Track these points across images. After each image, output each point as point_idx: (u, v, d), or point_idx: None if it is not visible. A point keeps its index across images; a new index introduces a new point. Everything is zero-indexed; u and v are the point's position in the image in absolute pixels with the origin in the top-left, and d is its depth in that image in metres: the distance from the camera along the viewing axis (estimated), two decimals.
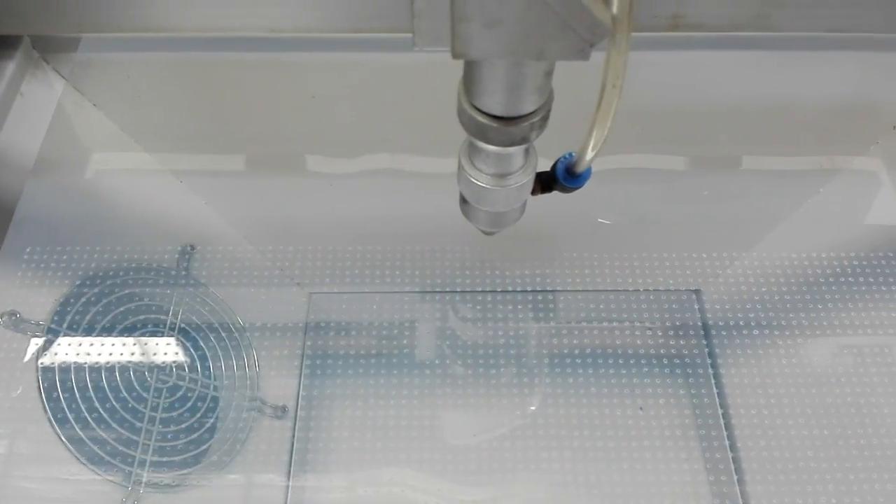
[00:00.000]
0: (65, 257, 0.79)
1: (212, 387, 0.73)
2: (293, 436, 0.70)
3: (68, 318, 0.75)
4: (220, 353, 0.75)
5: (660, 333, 0.76)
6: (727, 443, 0.70)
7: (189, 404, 0.72)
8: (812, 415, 0.71)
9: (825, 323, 0.76)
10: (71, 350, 0.74)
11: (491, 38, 0.40)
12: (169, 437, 0.71)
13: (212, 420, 0.71)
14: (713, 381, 0.73)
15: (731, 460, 0.69)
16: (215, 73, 0.89)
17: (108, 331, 0.76)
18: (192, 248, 0.80)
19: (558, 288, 0.78)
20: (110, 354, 0.74)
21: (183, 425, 0.71)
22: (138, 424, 0.71)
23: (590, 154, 0.51)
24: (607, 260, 0.80)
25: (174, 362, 0.74)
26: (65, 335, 0.75)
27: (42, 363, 0.73)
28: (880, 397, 0.71)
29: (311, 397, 0.72)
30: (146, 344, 0.75)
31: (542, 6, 0.38)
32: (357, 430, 0.71)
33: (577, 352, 0.74)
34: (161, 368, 0.74)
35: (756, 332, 0.75)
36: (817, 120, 0.87)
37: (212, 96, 0.90)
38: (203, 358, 0.75)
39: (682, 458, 0.69)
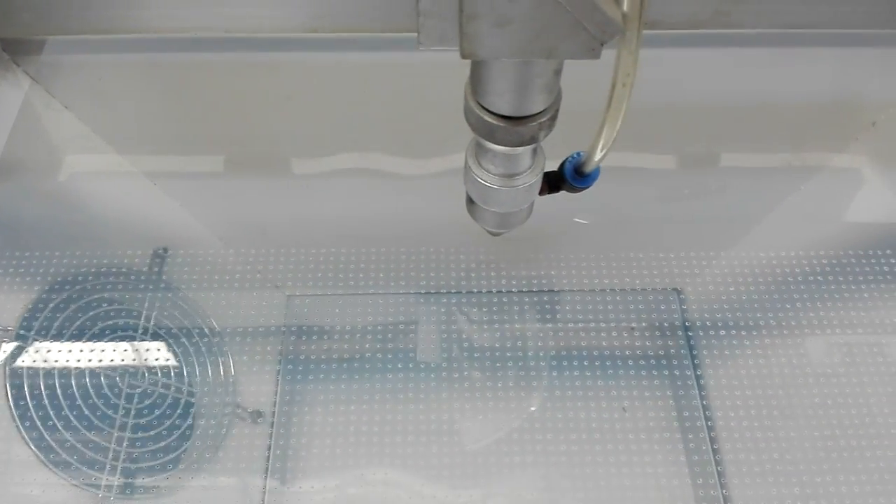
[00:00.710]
0: (34, 262, 0.78)
1: (185, 392, 0.72)
2: (270, 440, 0.70)
3: (37, 323, 0.74)
4: (194, 357, 0.74)
5: (639, 333, 0.75)
6: (709, 441, 0.69)
7: (161, 410, 0.71)
8: (793, 414, 0.70)
9: (805, 322, 0.75)
10: (40, 356, 0.73)
11: (501, 37, 0.40)
12: (140, 443, 0.69)
13: (186, 425, 0.70)
14: (694, 381, 0.72)
15: (713, 460, 0.68)
16: (188, 75, 0.88)
17: (78, 336, 0.75)
18: (166, 250, 0.79)
19: (539, 289, 0.78)
20: (79, 360, 0.73)
21: (154, 431, 0.70)
22: (109, 430, 0.70)
23: (599, 153, 0.51)
24: (584, 260, 0.79)
25: (146, 367, 0.73)
26: (34, 341, 0.74)
27: (10, 369, 0.72)
28: (860, 397, 0.71)
29: (289, 401, 0.71)
30: (117, 349, 0.74)
31: (554, 4, 0.38)
32: (336, 433, 0.70)
33: (557, 352, 0.74)
34: (132, 374, 0.73)
35: (737, 330, 0.75)
36: (796, 117, 0.86)
37: (185, 98, 0.89)
38: (176, 363, 0.74)
39: (667, 458, 0.68)
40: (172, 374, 0.73)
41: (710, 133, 0.80)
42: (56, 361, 0.73)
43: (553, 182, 0.58)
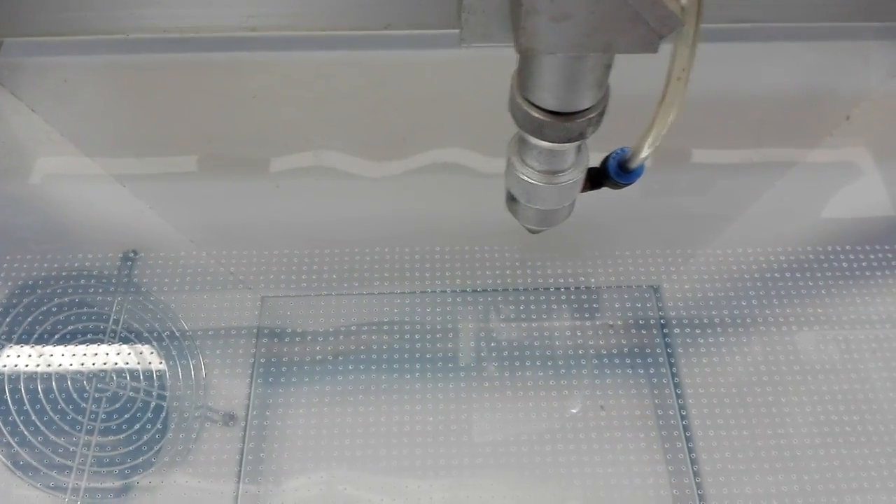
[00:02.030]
0: (2, 265, 0.78)
1: (155, 395, 0.71)
2: (243, 443, 0.69)
3: (4, 327, 0.74)
4: (164, 360, 0.73)
5: (617, 331, 0.75)
6: (685, 439, 0.69)
7: (130, 413, 0.70)
8: (769, 411, 0.70)
9: (781, 318, 0.75)
10: (6, 359, 0.72)
11: (559, 32, 0.39)
12: (109, 446, 0.69)
13: (155, 428, 0.69)
14: (670, 378, 0.72)
15: (688, 458, 0.68)
16: (152, 76, 0.88)
17: (44, 339, 0.74)
18: (135, 253, 0.79)
19: (515, 287, 0.77)
20: (49, 365, 0.72)
21: (123, 434, 0.69)
22: (76, 434, 0.69)
23: (648, 148, 0.51)
24: (560, 259, 0.79)
25: (114, 370, 0.73)
26: (0, 345, 0.73)
27: None
28: (838, 394, 0.71)
29: (262, 403, 0.71)
30: (85, 352, 0.73)
31: None
32: (310, 435, 0.69)
33: (535, 351, 0.73)
34: (100, 377, 0.72)
35: (713, 328, 0.75)
36: (771, 112, 0.86)
37: (151, 99, 0.89)
38: (146, 365, 0.73)
39: (643, 457, 0.68)
40: (142, 376, 0.72)
41: (683, 129, 0.79)
42: (23, 365, 0.72)
43: (595, 178, 0.57)
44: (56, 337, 0.74)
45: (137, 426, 0.70)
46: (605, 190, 0.86)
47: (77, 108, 0.88)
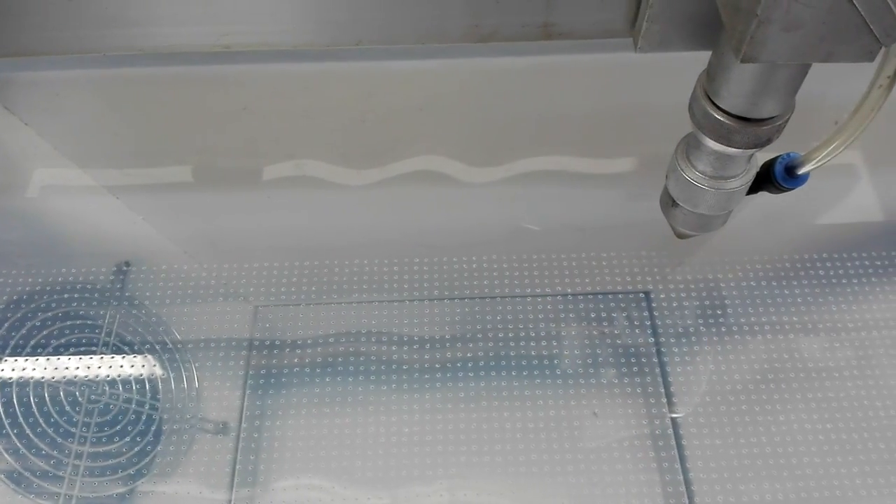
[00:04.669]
0: None
1: (147, 405, 0.72)
2: (236, 452, 0.69)
3: None
4: (156, 370, 0.74)
5: (610, 337, 0.75)
6: (676, 443, 0.69)
7: (122, 423, 0.71)
8: (760, 416, 0.70)
9: (773, 324, 0.75)
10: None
11: (787, 41, 0.40)
12: (100, 456, 0.69)
13: (147, 438, 0.70)
14: (662, 384, 0.72)
15: (679, 463, 0.68)
16: (145, 89, 0.89)
17: (37, 351, 0.75)
18: (128, 265, 0.79)
19: (509, 294, 0.78)
20: (42, 376, 0.73)
21: (115, 444, 0.70)
22: (68, 444, 0.70)
23: (827, 153, 0.51)
24: (552, 264, 0.79)
25: (107, 381, 0.73)
26: None
27: None
28: (834, 400, 0.71)
29: (255, 413, 0.71)
30: (77, 363, 0.74)
31: (847, 7, 0.38)
32: (302, 444, 0.70)
33: (527, 357, 0.74)
34: (92, 387, 0.73)
35: (705, 333, 0.75)
36: None
37: (143, 111, 0.90)
38: (138, 375, 0.73)
39: (637, 462, 0.68)
40: (134, 386, 0.73)
41: (671, 134, 0.80)
42: (16, 376, 0.73)
43: (755, 182, 0.58)
44: (49, 348, 0.75)
45: (129, 436, 0.70)
46: (594, 194, 0.87)
47: (69, 121, 0.89)
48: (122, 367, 0.74)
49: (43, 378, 0.73)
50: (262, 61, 0.85)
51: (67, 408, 0.72)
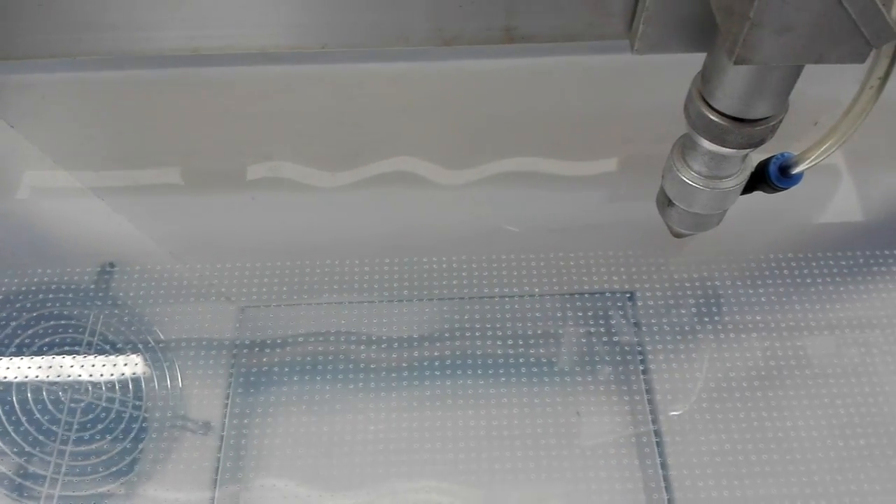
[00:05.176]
0: None
1: (130, 405, 0.72)
2: (219, 451, 0.70)
3: None
4: (140, 370, 0.74)
5: (594, 337, 0.75)
6: (655, 444, 0.69)
7: (105, 423, 0.71)
8: (744, 416, 0.71)
9: (756, 324, 0.76)
10: None
11: (779, 44, 0.41)
12: (83, 456, 0.70)
13: (130, 438, 0.70)
14: (644, 384, 0.72)
15: (659, 464, 0.68)
16: (129, 92, 0.89)
17: (20, 351, 0.75)
18: (112, 265, 0.80)
19: (492, 294, 0.78)
20: (26, 376, 0.73)
21: (96, 444, 0.70)
22: (50, 443, 0.70)
23: (820, 155, 0.52)
24: (536, 264, 0.80)
25: (90, 381, 0.74)
26: None
27: None
28: (815, 398, 0.72)
29: (240, 413, 0.72)
30: (60, 363, 0.75)
31: (838, 10, 0.39)
32: (287, 444, 0.70)
33: (511, 357, 0.74)
34: (75, 387, 0.73)
35: (688, 333, 0.75)
36: None
37: (128, 114, 0.90)
38: (121, 376, 0.74)
39: (619, 462, 0.68)
40: (117, 387, 0.73)
41: (658, 135, 0.80)
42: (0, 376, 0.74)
43: (749, 182, 0.59)
44: (32, 348, 0.75)
45: (112, 436, 0.71)
46: (575, 196, 0.87)
47: (55, 124, 0.90)
48: (105, 366, 0.74)
49: (27, 378, 0.73)
50: (246, 63, 0.85)
51: (50, 407, 0.72)
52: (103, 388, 0.73)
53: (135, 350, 0.75)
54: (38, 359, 0.75)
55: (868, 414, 0.70)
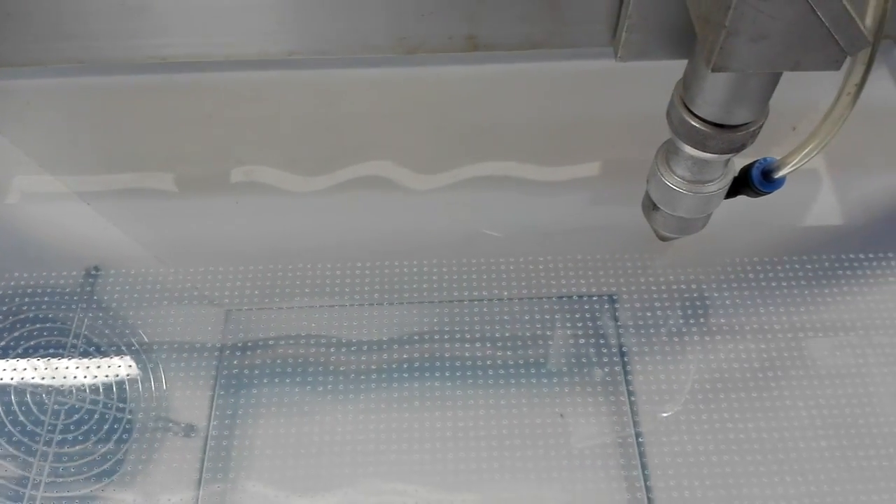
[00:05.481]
0: None
1: (114, 407, 0.73)
2: (204, 453, 0.70)
3: None
4: (124, 373, 0.74)
5: (576, 340, 0.76)
6: (636, 445, 0.70)
7: (88, 425, 0.72)
8: (721, 418, 0.71)
9: (736, 327, 0.76)
10: None
11: (755, 51, 0.42)
12: (66, 457, 0.70)
13: (113, 440, 0.71)
14: (625, 387, 0.73)
15: (640, 465, 0.69)
16: (114, 97, 0.90)
17: (4, 354, 0.76)
18: (97, 269, 0.80)
19: (473, 298, 0.78)
20: (11, 378, 0.74)
21: (80, 446, 0.71)
22: (34, 445, 0.70)
23: (800, 160, 0.53)
24: (517, 267, 0.80)
25: (74, 384, 0.74)
26: None
27: None
28: (794, 398, 0.72)
29: (224, 416, 0.72)
30: (44, 366, 0.75)
31: (812, 19, 0.40)
32: (272, 448, 0.70)
33: (493, 361, 0.75)
34: (59, 390, 0.74)
35: (670, 336, 0.76)
36: None
37: (113, 120, 0.91)
38: (105, 378, 0.74)
39: (601, 464, 0.69)
40: (101, 389, 0.74)
41: (640, 141, 0.81)
42: None
43: (733, 186, 0.60)
44: (17, 351, 0.76)
45: (95, 438, 0.71)
46: (556, 200, 0.87)
47: (41, 129, 0.91)
48: (88, 369, 0.75)
49: (12, 380, 0.74)
50: (227, 70, 0.86)
51: (34, 409, 0.73)
52: (87, 391, 0.74)
53: (119, 353, 0.76)
54: (22, 361, 0.75)
55: (851, 416, 0.71)
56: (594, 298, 0.78)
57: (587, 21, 0.52)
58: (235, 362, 0.75)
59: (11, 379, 0.74)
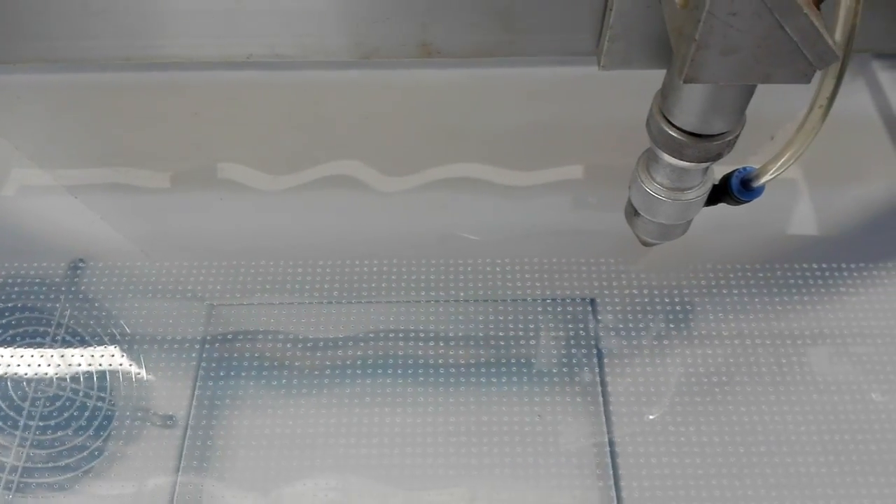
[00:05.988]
0: None
1: (94, 396, 0.73)
2: (182, 445, 0.70)
3: None
4: (105, 364, 0.75)
5: (555, 342, 0.76)
6: (609, 443, 0.70)
7: (68, 413, 0.72)
8: (695, 421, 0.71)
9: (714, 332, 0.77)
10: None
11: (725, 64, 0.43)
12: (45, 444, 0.71)
13: (93, 428, 0.71)
14: (600, 389, 0.73)
15: (611, 465, 0.69)
16: (102, 93, 0.91)
17: None
18: (83, 261, 0.81)
19: (454, 299, 0.79)
20: None
21: (60, 433, 0.71)
22: (13, 432, 0.71)
23: (777, 170, 0.54)
24: (498, 269, 0.81)
25: (55, 373, 0.75)
26: None
27: None
28: (769, 403, 0.72)
29: (204, 407, 0.72)
30: (26, 354, 0.76)
31: (780, 34, 0.41)
32: (251, 440, 0.71)
33: (473, 361, 0.75)
34: (40, 379, 0.74)
35: (647, 339, 0.76)
36: None
37: (101, 115, 0.92)
38: (86, 369, 0.75)
39: (576, 462, 0.69)
40: (82, 379, 0.74)
41: (622, 147, 0.82)
42: None
43: (714, 194, 0.61)
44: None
45: (75, 425, 0.72)
46: (536, 203, 0.88)
47: (30, 123, 0.92)
48: (72, 358, 0.76)
49: None
50: (210, 69, 0.87)
51: (14, 396, 0.73)
52: (68, 380, 0.74)
53: (101, 343, 0.76)
54: (2, 349, 0.76)
55: (826, 422, 0.71)
56: (576, 301, 0.79)
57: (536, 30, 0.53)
58: (215, 355, 0.75)
59: None
